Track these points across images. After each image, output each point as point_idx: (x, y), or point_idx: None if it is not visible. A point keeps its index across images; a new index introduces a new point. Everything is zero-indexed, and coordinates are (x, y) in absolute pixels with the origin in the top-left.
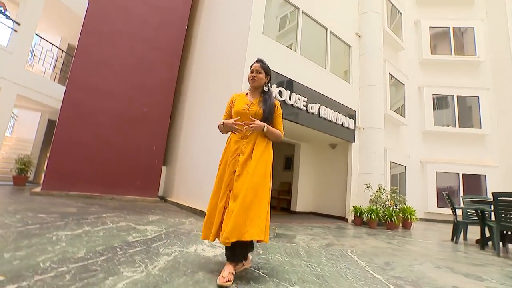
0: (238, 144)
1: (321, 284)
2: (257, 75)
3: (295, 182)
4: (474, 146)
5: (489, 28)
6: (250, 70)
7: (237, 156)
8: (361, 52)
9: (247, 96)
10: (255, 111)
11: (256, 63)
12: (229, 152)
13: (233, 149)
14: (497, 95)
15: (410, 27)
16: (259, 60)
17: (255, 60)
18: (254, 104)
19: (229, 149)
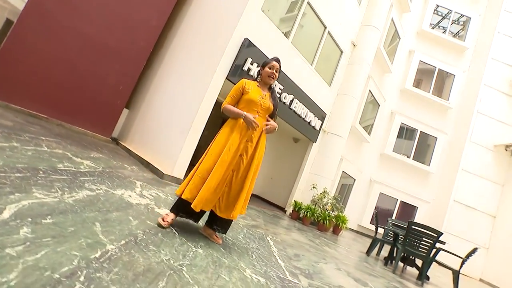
0: (250, 132)
1: (224, 254)
2: (276, 74)
3: None
4: (418, 180)
5: (467, 80)
6: (269, 66)
7: (246, 142)
8: (351, 61)
9: (259, 88)
10: (268, 106)
11: (276, 63)
12: (241, 137)
13: (244, 135)
14: (450, 141)
15: (403, 54)
16: (279, 60)
17: (274, 58)
18: (266, 97)
19: (241, 133)
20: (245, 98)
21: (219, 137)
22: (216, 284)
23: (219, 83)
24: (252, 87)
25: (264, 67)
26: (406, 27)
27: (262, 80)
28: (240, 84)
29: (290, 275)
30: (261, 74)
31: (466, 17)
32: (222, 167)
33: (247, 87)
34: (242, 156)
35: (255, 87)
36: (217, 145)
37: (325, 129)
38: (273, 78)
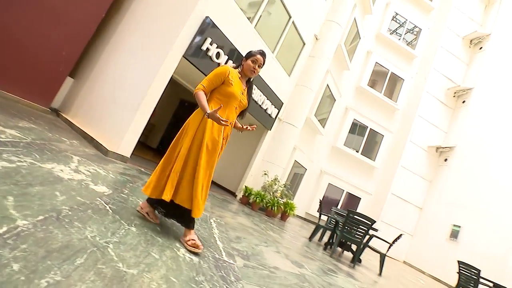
0: (227, 129)
1: (160, 233)
2: (258, 69)
3: None
4: (364, 173)
5: (413, 85)
6: (252, 60)
7: (223, 140)
8: (312, 54)
9: (240, 81)
10: (245, 103)
11: (261, 56)
12: (215, 131)
13: (220, 130)
14: (395, 140)
15: (362, 54)
16: (264, 54)
17: (259, 51)
18: (245, 93)
19: (215, 127)
20: (227, 90)
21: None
22: (144, 262)
23: (175, 61)
24: (235, 80)
25: (247, 58)
26: (367, 28)
27: (243, 72)
28: (224, 70)
29: (226, 256)
30: (243, 66)
31: (419, 28)
32: (211, 168)
33: (230, 78)
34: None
35: (238, 79)
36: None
37: (281, 118)
38: (255, 72)
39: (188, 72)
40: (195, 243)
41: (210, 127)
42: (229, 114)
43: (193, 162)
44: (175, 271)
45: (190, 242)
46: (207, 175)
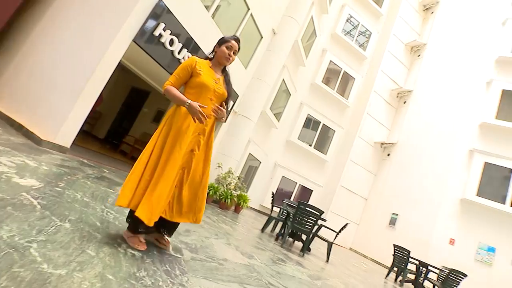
0: (196, 138)
1: (99, 228)
2: (233, 56)
3: None
4: (316, 167)
5: (363, 84)
6: (226, 46)
7: (198, 136)
8: (269, 48)
9: (212, 70)
10: (222, 92)
11: (235, 42)
12: (191, 129)
13: (195, 127)
14: (345, 135)
15: (317, 52)
16: (239, 40)
17: (233, 37)
18: (220, 82)
19: (191, 126)
20: (196, 81)
21: (165, 130)
22: (76, 260)
23: (123, 46)
24: (204, 69)
25: (220, 45)
26: (323, 27)
27: (216, 60)
28: (190, 62)
29: (173, 250)
30: (216, 53)
31: (370, 32)
32: (174, 169)
33: (198, 68)
34: (194, 151)
35: (208, 68)
36: (163, 140)
37: (236, 110)
38: (230, 60)
39: (140, 59)
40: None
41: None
42: (208, 106)
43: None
44: (113, 268)
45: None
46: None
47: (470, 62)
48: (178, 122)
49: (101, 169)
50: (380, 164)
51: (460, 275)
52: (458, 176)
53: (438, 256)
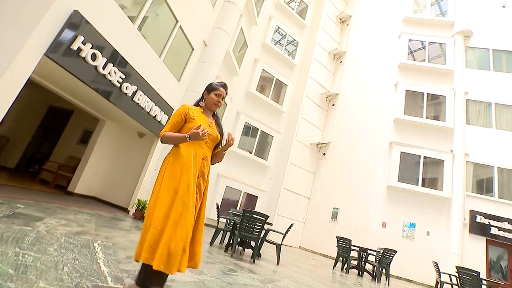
0: (200, 164)
1: (13, 276)
2: (221, 101)
3: (85, 160)
4: (259, 173)
5: (295, 91)
6: (215, 93)
7: (198, 178)
8: (202, 59)
9: (204, 115)
10: (216, 135)
11: (223, 89)
12: (194, 173)
13: (196, 170)
14: (283, 139)
15: (250, 61)
16: (226, 87)
17: (221, 84)
18: (213, 125)
19: (192, 167)
20: (190, 126)
21: (169, 175)
22: None
23: (33, 60)
24: (197, 114)
25: (209, 92)
26: (254, 38)
27: (206, 106)
28: (183, 109)
29: (112, 280)
30: (205, 99)
31: (297, 41)
32: (191, 213)
33: (191, 114)
34: (196, 195)
35: (200, 113)
36: (170, 185)
37: None
38: (219, 106)
39: (58, 75)
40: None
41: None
42: (200, 150)
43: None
44: None
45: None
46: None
47: (380, 67)
48: (177, 165)
49: (12, 205)
50: (317, 164)
51: (392, 252)
52: (383, 166)
53: (375, 239)
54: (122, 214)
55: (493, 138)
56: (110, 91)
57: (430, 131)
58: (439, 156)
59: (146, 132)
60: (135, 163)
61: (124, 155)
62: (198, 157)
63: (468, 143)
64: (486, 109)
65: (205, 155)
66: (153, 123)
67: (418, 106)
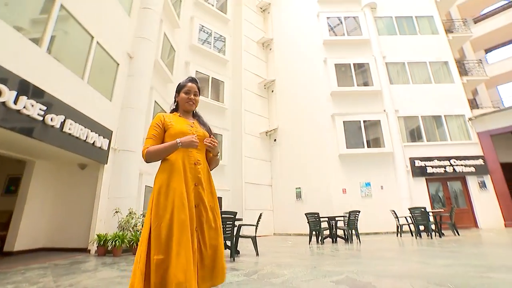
0: (193, 171)
1: None
2: (194, 97)
3: (18, 211)
4: (217, 174)
5: (233, 86)
6: (184, 91)
7: (196, 187)
8: (130, 73)
9: (183, 117)
10: (202, 133)
11: (192, 84)
12: (186, 181)
13: (190, 177)
14: (233, 136)
15: (181, 65)
16: (195, 80)
17: (188, 79)
18: (196, 125)
19: (184, 177)
20: (171, 133)
21: (158, 193)
22: None
23: None
24: (174, 119)
25: (179, 92)
26: (180, 41)
27: (181, 109)
28: (157, 119)
29: None
30: (178, 102)
31: (224, 37)
32: (186, 231)
33: (168, 121)
34: (199, 205)
35: (177, 118)
36: (161, 205)
37: (115, 147)
38: (193, 103)
39: None
40: None
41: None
42: (189, 155)
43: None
44: None
45: None
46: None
47: (307, 47)
48: (166, 179)
49: None
50: (271, 151)
51: (356, 213)
52: (330, 138)
53: (340, 206)
54: (83, 255)
55: (412, 92)
56: (32, 127)
57: (363, 96)
58: (375, 118)
59: (87, 162)
60: (83, 197)
61: (68, 193)
62: (189, 163)
63: (395, 100)
64: (402, 69)
65: (196, 159)
66: (93, 150)
67: (348, 76)
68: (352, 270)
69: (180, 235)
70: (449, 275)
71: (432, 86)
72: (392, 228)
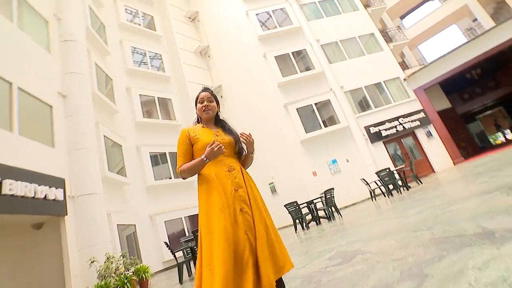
0: (229, 177)
1: None
2: (209, 104)
3: None
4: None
5: (181, 99)
6: (199, 102)
7: (234, 191)
8: (68, 113)
9: (206, 128)
10: (228, 140)
11: (204, 92)
12: (224, 190)
13: (228, 184)
14: None
15: (123, 93)
16: (207, 88)
17: (201, 90)
18: (221, 132)
19: (221, 186)
20: (198, 147)
21: (202, 208)
22: None
23: None
24: (199, 131)
25: (196, 105)
26: (115, 67)
27: (202, 119)
28: (183, 134)
29: None
30: (198, 115)
31: (160, 54)
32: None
33: (193, 134)
34: (243, 209)
35: (201, 129)
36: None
37: (72, 195)
38: (210, 109)
39: None
40: None
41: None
42: (220, 163)
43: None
44: None
45: None
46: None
47: (245, 47)
48: (205, 192)
49: None
50: None
51: (330, 191)
52: (289, 126)
53: (315, 189)
54: None
55: (351, 66)
56: None
57: (309, 81)
58: (325, 98)
59: (43, 219)
60: (48, 258)
61: (29, 257)
62: (223, 171)
63: (338, 77)
64: (337, 47)
65: (229, 165)
66: (47, 205)
67: (290, 65)
68: (340, 244)
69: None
70: (422, 220)
71: (366, 57)
72: (366, 195)
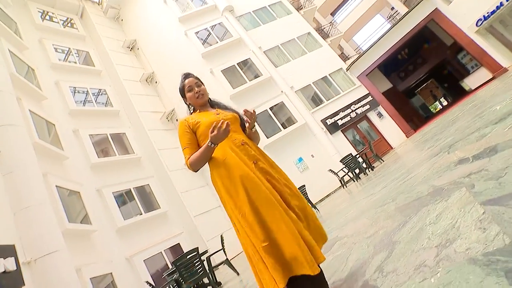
0: (245, 151)
1: None
2: (199, 88)
3: None
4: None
5: (137, 131)
6: (187, 91)
7: (255, 164)
8: (6, 170)
9: (203, 112)
10: (230, 115)
11: (188, 79)
12: (245, 163)
13: (245, 158)
14: (161, 180)
15: (70, 137)
16: (188, 74)
17: (182, 78)
18: (221, 111)
19: (241, 160)
20: (203, 128)
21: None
22: None
23: None
24: (197, 116)
25: (183, 95)
26: (56, 111)
27: (197, 106)
28: (183, 124)
29: None
30: (189, 104)
31: (103, 89)
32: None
33: (192, 121)
34: (268, 178)
35: (199, 114)
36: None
37: (27, 260)
38: (203, 93)
39: None
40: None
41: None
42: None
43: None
44: None
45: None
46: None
47: (191, 65)
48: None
49: None
50: (203, 175)
51: (302, 188)
52: None
53: None
54: None
55: (296, 66)
56: None
57: (259, 87)
58: (278, 101)
59: None
60: None
61: None
62: (237, 147)
63: (287, 79)
64: (279, 51)
65: (241, 140)
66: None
67: (239, 76)
68: None
69: (271, 211)
70: (387, 193)
71: (308, 55)
72: (337, 184)
